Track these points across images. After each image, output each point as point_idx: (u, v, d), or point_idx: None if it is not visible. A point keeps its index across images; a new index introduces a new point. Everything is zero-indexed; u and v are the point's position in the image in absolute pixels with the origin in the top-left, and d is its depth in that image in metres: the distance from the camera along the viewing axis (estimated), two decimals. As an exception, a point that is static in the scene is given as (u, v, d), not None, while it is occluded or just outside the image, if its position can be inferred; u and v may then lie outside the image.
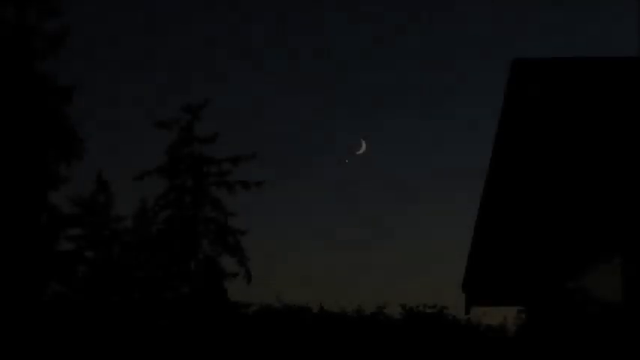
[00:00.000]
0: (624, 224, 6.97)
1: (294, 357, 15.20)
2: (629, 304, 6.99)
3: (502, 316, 18.31)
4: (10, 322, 20.47)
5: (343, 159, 40.44)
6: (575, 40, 32.91)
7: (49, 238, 24.92)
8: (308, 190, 42.19)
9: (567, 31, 34.88)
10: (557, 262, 9.01)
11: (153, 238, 34.48)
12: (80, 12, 33.93)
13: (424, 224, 42.92)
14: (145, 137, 45.81)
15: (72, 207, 33.39)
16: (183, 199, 34.49)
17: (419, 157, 41.71)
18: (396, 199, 41.97)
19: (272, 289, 19.37)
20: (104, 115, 43.14)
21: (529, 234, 9.75)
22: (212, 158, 34.30)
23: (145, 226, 35.99)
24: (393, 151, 41.05)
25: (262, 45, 40.87)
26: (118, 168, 45.79)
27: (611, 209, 7.32)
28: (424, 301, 16.16)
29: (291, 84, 41.72)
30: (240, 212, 34.30)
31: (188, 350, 16.91)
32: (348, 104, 41.39)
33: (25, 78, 23.32)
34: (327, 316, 16.11)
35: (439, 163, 42.10)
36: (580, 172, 8.13)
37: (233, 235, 33.97)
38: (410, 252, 44.13)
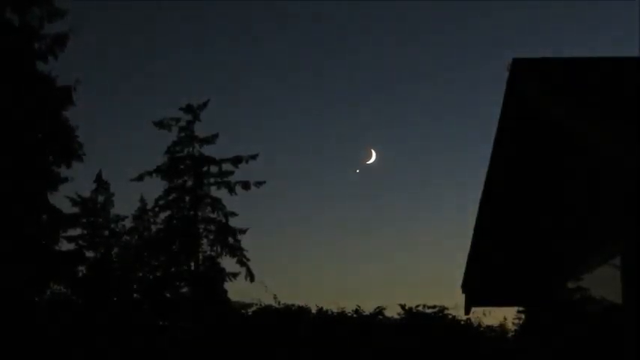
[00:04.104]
0: (624, 223, 6.96)
1: (293, 356, 15.20)
2: (629, 304, 6.98)
3: (502, 316, 18.31)
4: (10, 322, 20.46)
5: (345, 160, 40.58)
6: (575, 41, 32.91)
7: (49, 238, 24.92)
8: (310, 192, 42.26)
9: (567, 31, 34.87)
10: (557, 262, 9.01)
11: (153, 238, 34.50)
12: (80, 12, 33.95)
13: (424, 225, 43.03)
14: (145, 137, 45.79)
15: (72, 207, 33.54)
16: (184, 199, 34.53)
17: (418, 158, 41.79)
18: (398, 199, 42.08)
19: (272, 289, 19.33)
20: (104, 115, 43.16)
21: (528, 233, 9.74)
22: (212, 158, 34.33)
23: (144, 226, 36.02)
24: (394, 152, 41.10)
25: (265, 47, 40.87)
26: (118, 168, 45.87)
27: (611, 208, 7.31)
28: (424, 301, 16.11)
29: (297, 89, 41.75)
30: (242, 212, 34.44)
31: (189, 351, 16.91)
32: (354, 109, 41.46)
33: (26, 78, 23.31)
34: (326, 317, 16.09)
35: (439, 163, 42.17)
36: (580, 171, 8.12)
37: (233, 235, 33.98)
38: (410, 252, 44.22)
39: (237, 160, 34.19)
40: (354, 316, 16.07)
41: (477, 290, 10.78)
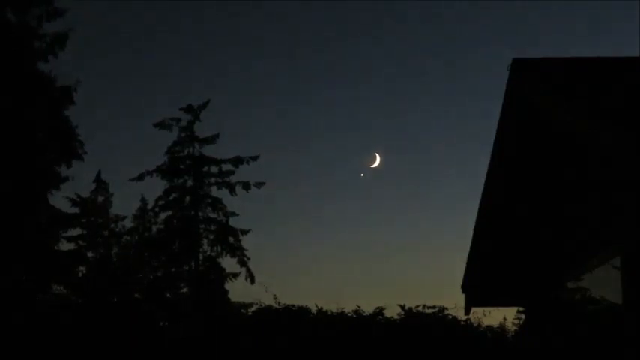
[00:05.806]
0: (624, 223, 6.96)
1: (293, 356, 15.19)
2: (629, 304, 6.97)
3: (502, 316, 18.32)
4: (10, 322, 20.45)
5: (349, 164, 40.63)
6: (575, 41, 32.91)
7: (49, 238, 24.91)
8: (312, 194, 42.28)
9: (567, 31, 34.88)
10: (557, 262, 9.00)
11: (153, 238, 34.50)
12: (80, 12, 33.95)
13: (425, 226, 43.05)
14: (145, 137, 45.82)
15: (72, 207, 33.53)
16: (184, 200, 34.52)
17: (420, 160, 41.85)
18: (401, 202, 42.10)
19: (272, 289, 19.30)
20: (104, 115, 43.17)
21: (528, 234, 9.74)
22: (213, 159, 34.32)
23: (145, 226, 36.03)
24: (397, 156, 41.16)
25: (266, 47, 40.87)
26: (118, 168, 45.90)
27: (611, 208, 7.31)
28: (424, 301, 16.08)
29: (299, 90, 41.73)
30: (242, 213, 34.45)
31: (189, 350, 16.91)
32: (358, 112, 41.47)
33: (26, 78, 23.30)
34: (326, 317, 16.08)
35: (441, 165, 42.20)
36: (579, 171, 8.12)
37: (234, 235, 33.95)
38: (410, 253, 44.24)
39: (237, 161, 34.20)
40: (354, 316, 16.05)
41: (476, 290, 10.79)
